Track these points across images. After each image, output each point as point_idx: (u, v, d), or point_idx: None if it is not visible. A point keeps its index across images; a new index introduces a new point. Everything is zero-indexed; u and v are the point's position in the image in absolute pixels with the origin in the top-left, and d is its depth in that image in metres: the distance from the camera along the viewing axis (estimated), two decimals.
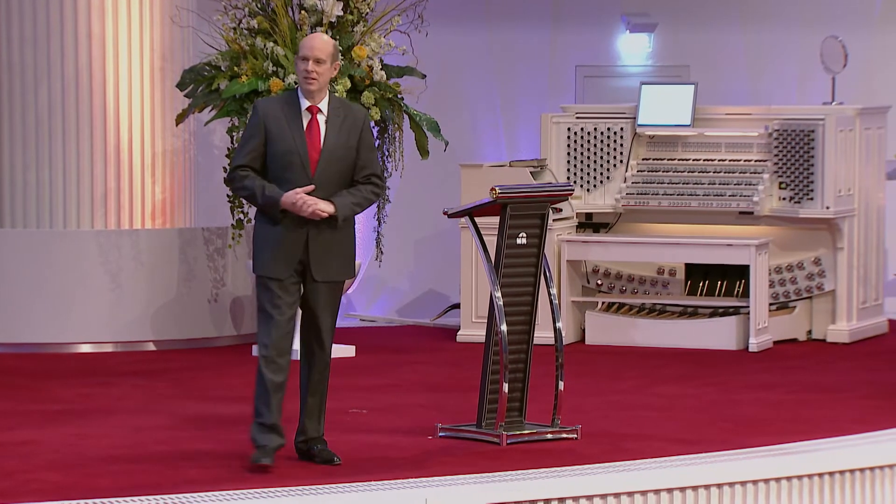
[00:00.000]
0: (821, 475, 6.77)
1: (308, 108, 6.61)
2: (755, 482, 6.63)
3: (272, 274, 6.58)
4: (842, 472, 6.82)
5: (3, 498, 6.00)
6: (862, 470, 6.87)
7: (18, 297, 9.98)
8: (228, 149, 9.93)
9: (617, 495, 6.35)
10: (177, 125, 10.34)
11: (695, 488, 6.51)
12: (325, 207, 6.56)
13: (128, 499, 5.96)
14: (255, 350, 10.03)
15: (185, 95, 10.09)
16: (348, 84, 9.81)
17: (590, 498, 6.30)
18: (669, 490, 6.46)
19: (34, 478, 6.39)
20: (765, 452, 6.99)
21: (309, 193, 6.54)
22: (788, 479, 6.70)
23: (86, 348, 10.08)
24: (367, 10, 9.99)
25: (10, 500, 5.94)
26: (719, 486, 6.56)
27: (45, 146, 10.33)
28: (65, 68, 10.27)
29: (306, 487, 6.19)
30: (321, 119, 6.62)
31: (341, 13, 9.90)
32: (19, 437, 7.28)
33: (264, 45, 9.84)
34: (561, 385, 7.38)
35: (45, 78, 10.28)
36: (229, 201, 10.02)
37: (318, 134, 6.59)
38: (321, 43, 6.61)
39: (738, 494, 6.59)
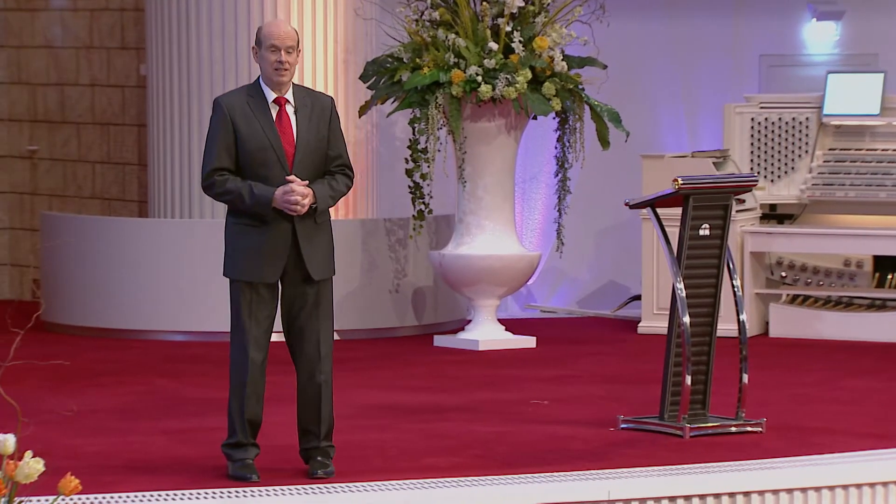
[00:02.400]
0: None
1: (275, 100, 6.14)
2: None
3: (258, 278, 6.11)
4: None
5: (192, 484, 6.12)
6: None
7: (205, 287, 10.16)
8: (410, 140, 10.00)
9: (804, 490, 6.25)
10: (360, 117, 10.44)
11: (885, 484, 6.38)
12: (310, 201, 6.12)
13: (311, 486, 6.04)
14: (437, 340, 10.11)
15: (368, 87, 10.18)
16: (529, 75, 9.80)
17: (775, 493, 6.22)
18: (858, 486, 6.34)
19: (223, 463, 6.48)
20: None
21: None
22: None
23: (273, 338, 10.21)
24: (549, 1, 9.98)
25: (199, 487, 6.05)
26: None
27: None
28: (251, 64, 10.43)
29: (488, 478, 6.20)
30: (290, 110, 6.16)
31: (522, 4, 9.89)
32: (209, 423, 7.42)
33: (446, 37, 9.88)
34: (745, 378, 7.29)
35: (233, 71, 10.46)
36: (410, 192, 10.08)
37: (289, 126, 6.13)
38: (289, 31, 6.16)
39: None
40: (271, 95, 6.18)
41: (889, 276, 10.43)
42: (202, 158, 6.24)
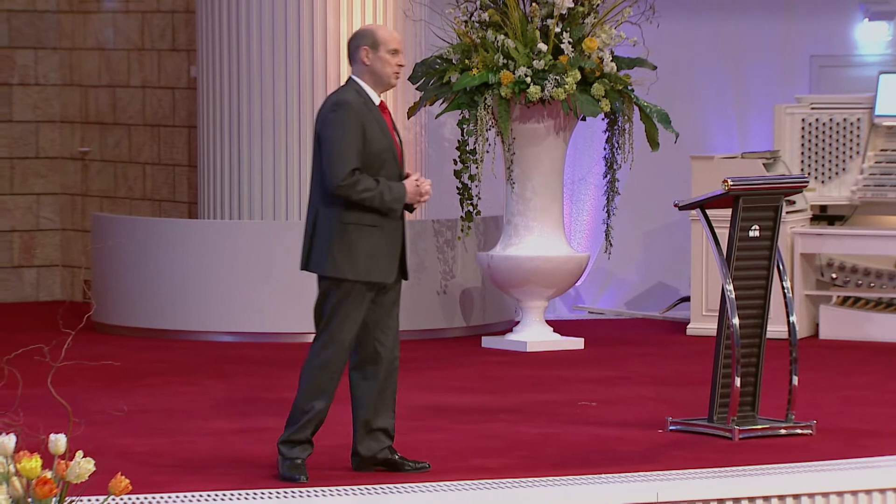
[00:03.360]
0: None
1: (380, 104, 6.31)
2: None
3: (381, 278, 6.19)
4: None
5: (242, 485, 6.14)
6: None
7: (255, 288, 10.20)
8: (459, 141, 10.00)
9: (854, 493, 6.21)
10: (408, 118, 10.46)
11: None
12: None
13: (363, 487, 6.05)
14: (486, 342, 10.11)
15: (417, 88, 10.20)
16: (578, 76, 9.79)
17: (826, 495, 6.19)
18: None
19: (272, 464, 6.51)
20: None
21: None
22: None
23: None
24: (598, 2, 9.96)
25: (249, 487, 6.07)
26: None
27: (282, 140, 10.56)
28: (301, 64, 10.47)
29: (537, 479, 6.20)
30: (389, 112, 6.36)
31: (572, 5, 9.88)
32: (258, 424, 7.45)
33: (495, 38, 9.88)
34: (795, 380, 7.25)
35: (283, 73, 10.50)
36: (459, 193, 10.09)
37: (392, 128, 6.31)
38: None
39: None
40: (377, 98, 6.31)
41: None
42: (329, 159, 6.16)
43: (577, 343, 10.04)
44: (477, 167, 9.90)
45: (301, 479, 6.18)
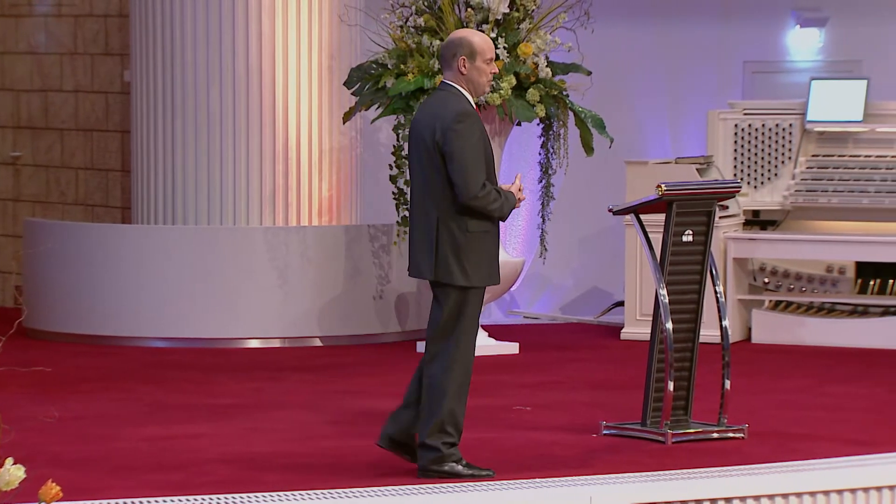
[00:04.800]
0: None
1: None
2: None
3: (497, 281, 6.44)
4: None
5: (175, 490, 6.11)
6: None
7: (188, 293, 10.16)
8: (394, 146, 9.99)
9: (785, 496, 6.26)
10: (344, 123, 10.44)
11: (866, 490, 6.39)
12: None
13: (294, 493, 6.03)
14: (420, 346, 10.10)
15: (353, 94, 10.18)
16: (513, 81, 9.81)
17: (757, 498, 6.22)
18: (840, 491, 6.34)
19: (205, 470, 6.50)
20: None
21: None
22: None
23: (254, 343, 10.23)
24: (533, 7, 9.98)
25: (182, 493, 6.04)
26: (892, 487, 6.43)
27: (217, 144, 10.52)
28: (235, 68, 10.43)
29: (471, 484, 6.20)
30: None
31: (507, 10, 9.90)
32: (191, 430, 7.41)
33: (430, 43, 9.89)
34: (727, 384, 7.29)
35: (217, 77, 10.46)
36: (394, 198, 10.08)
37: None
38: None
39: None
40: (473, 106, 6.40)
41: (871, 282, 10.45)
42: (463, 171, 6.24)
43: (511, 348, 10.06)
44: None
45: (489, 473, 6.34)
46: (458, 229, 6.32)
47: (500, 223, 6.48)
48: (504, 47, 9.86)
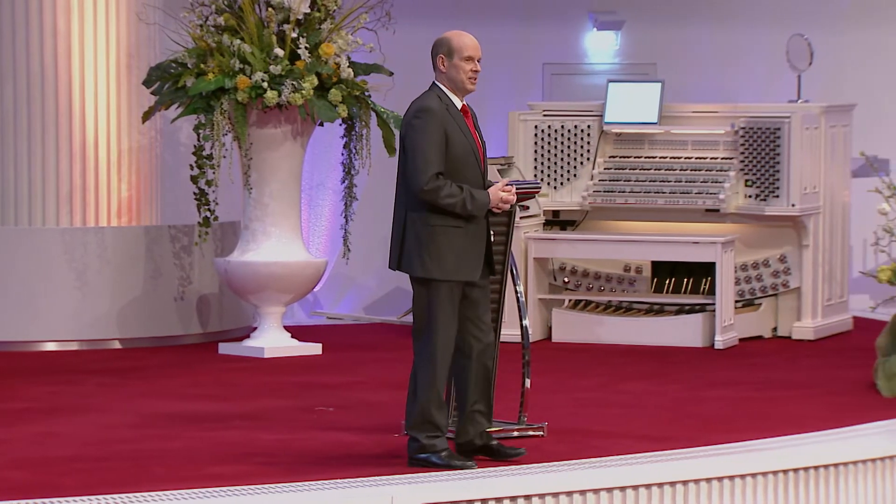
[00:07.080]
0: (786, 472, 6.80)
1: (461, 108, 6.65)
2: (720, 479, 6.65)
3: (469, 277, 6.53)
4: (806, 469, 6.85)
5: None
6: (826, 466, 6.90)
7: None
8: (195, 146, 9.90)
9: (583, 493, 6.36)
10: (143, 122, 10.31)
11: (660, 485, 6.53)
12: None
13: (93, 497, 5.95)
14: (222, 348, 10.03)
15: (152, 93, 10.06)
16: (316, 81, 9.80)
17: (556, 495, 6.32)
18: (635, 487, 6.47)
19: (0, 476, 6.37)
20: (730, 449, 7.01)
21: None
22: (753, 475, 6.72)
23: (51, 346, 10.05)
24: (335, 8, 9.98)
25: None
26: (685, 483, 6.58)
27: (10, 143, 10.30)
28: (30, 65, 10.23)
29: (273, 486, 6.19)
30: (471, 117, 6.73)
31: (308, 10, 9.88)
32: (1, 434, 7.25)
33: (231, 43, 9.82)
34: (527, 382, 7.39)
35: (10, 75, 10.24)
36: (196, 199, 9.99)
37: (474, 131, 6.66)
38: (477, 42, 6.74)
39: (704, 492, 6.61)
40: (458, 103, 6.63)
41: (667, 281, 10.68)
42: (413, 164, 6.47)
43: (314, 348, 10.05)
44: (214, 172, 9.82)
45: (469, 465, 6.49)
46: (420, 222, 6.53)
47: (498, 221, 6.68)
48: (306, 47, 9.84)
